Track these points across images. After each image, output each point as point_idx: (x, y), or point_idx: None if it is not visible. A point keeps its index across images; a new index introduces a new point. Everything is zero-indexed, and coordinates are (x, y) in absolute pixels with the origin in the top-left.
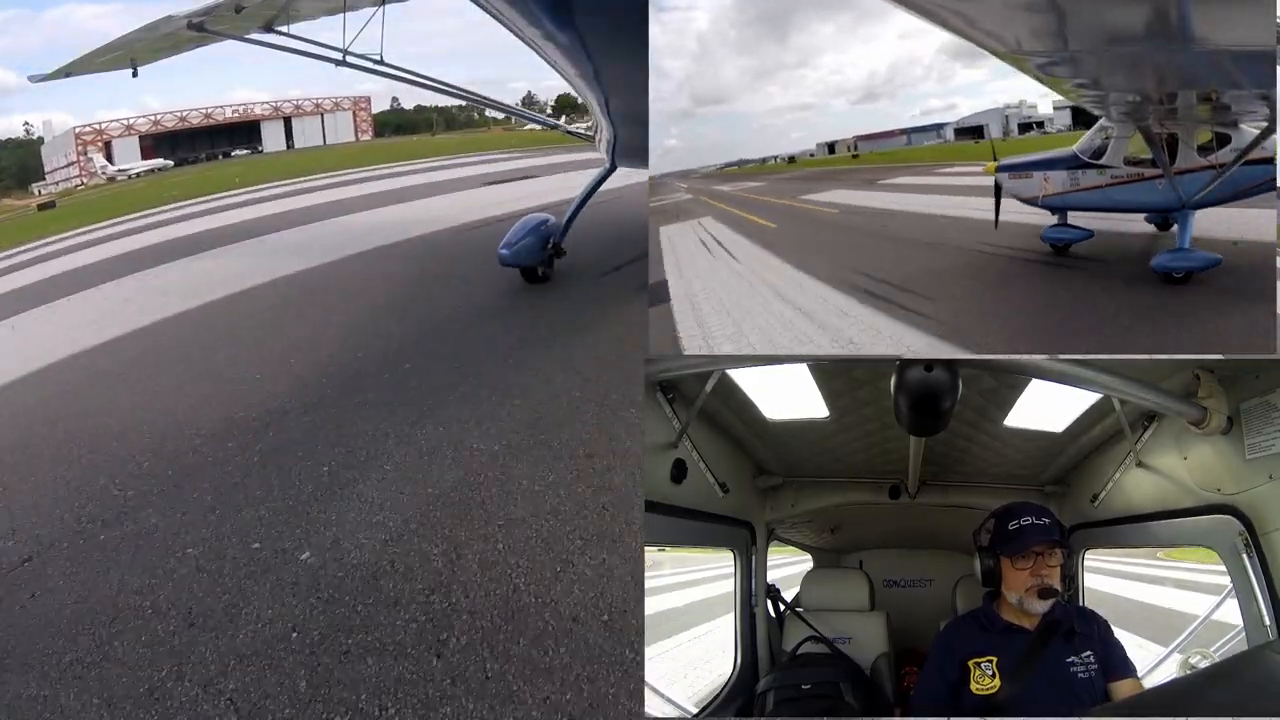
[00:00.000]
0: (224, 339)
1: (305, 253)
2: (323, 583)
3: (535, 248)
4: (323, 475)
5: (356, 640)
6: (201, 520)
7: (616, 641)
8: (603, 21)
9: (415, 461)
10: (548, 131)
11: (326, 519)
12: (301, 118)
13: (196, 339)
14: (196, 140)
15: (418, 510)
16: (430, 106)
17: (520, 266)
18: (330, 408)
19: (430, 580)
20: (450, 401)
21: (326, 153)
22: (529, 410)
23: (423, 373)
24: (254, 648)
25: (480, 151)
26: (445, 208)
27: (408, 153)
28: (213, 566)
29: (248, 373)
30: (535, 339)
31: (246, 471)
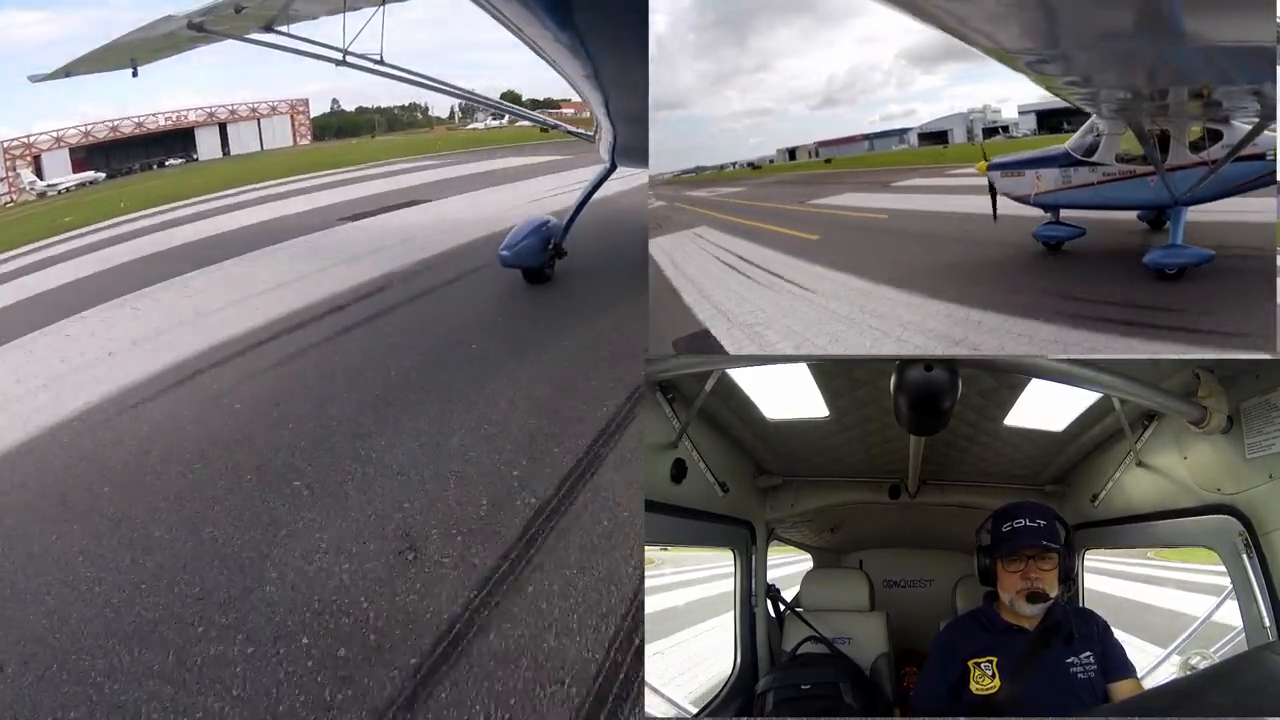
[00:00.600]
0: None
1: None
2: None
3: (536, 249)
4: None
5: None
6: None
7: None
8: (603, 21)
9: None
10: (493, 131)
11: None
12: (237, 123)
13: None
14: (131, 150)
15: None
16: (372, 108)
17: (521, 268)
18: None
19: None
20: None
21: (258, 160)
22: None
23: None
24: None
25: (425, 154)
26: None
27: (345, 158)
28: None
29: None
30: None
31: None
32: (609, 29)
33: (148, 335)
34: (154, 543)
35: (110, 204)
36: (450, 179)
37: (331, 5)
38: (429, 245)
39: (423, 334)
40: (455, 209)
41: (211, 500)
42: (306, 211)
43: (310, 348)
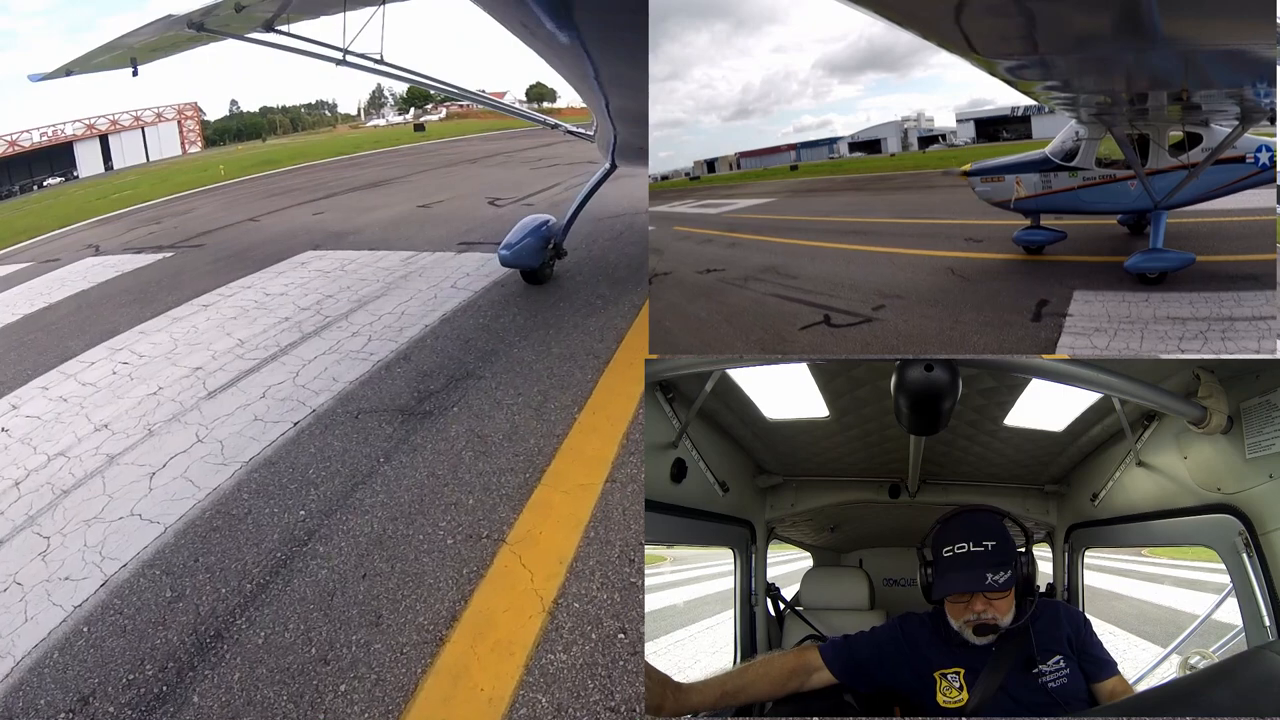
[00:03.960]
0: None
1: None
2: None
3: (536, 248)
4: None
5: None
6: None
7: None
8: (603, 21)
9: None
10: (395, 128)
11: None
12: (119, 134)
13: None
14: (14, 170)
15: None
16: (275, 108)
17: (521, 267)
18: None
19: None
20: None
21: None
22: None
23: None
24: None
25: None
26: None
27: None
28: None
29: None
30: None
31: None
32: (609, 29)
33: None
34: None
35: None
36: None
37: (331, 4)
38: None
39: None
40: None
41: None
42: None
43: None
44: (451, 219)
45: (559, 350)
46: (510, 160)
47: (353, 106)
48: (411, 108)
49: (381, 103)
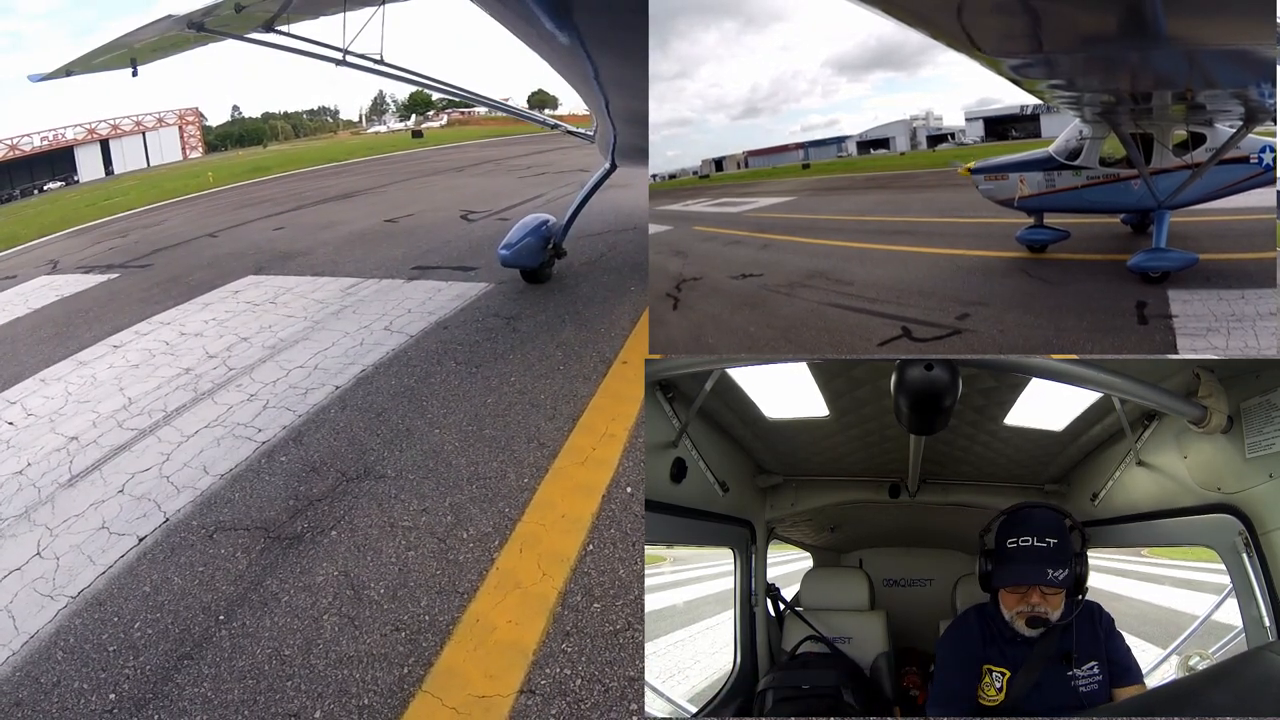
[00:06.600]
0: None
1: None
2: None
3: (535, 248)
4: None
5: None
6: None
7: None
8: (603, 22)
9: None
10: (396, 134)
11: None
12: (120, 138)
13: None
14: (15, 174)
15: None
16: (278, 114)
17: (520, 267)
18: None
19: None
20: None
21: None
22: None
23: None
24: None
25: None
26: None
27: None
28: None
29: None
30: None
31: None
32: (609, 30)
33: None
34: None
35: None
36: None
37: (332, 4)
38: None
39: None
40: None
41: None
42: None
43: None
44: (414, 236)
45: (491, 432)
46: (498, 169)
47: (355, 112)
48: (413, 114)
49: (383, 109)
